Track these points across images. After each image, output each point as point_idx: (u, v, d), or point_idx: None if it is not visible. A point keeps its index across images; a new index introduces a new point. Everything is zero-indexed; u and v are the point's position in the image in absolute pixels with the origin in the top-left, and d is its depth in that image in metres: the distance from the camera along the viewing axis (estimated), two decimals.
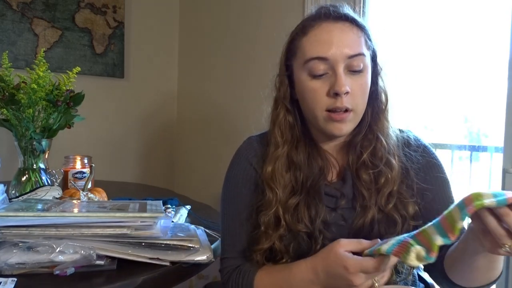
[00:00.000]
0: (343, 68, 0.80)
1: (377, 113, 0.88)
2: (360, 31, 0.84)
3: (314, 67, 0.81)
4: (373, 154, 0.86)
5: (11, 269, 0.75)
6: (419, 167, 0.88)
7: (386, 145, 0.86)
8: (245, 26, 2.29)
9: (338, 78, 0.80)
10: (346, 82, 0.80)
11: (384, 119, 0.88)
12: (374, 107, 0.88)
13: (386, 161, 0.85)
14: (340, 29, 0.82)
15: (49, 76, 1.24)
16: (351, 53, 0.80)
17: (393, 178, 0.84)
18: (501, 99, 1.45)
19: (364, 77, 0.83)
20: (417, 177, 0.87)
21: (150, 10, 2.67)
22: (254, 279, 0.84)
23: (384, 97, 0.88)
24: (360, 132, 0.88)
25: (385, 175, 0.84)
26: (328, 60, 0.80)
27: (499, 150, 1.58)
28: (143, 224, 0.85)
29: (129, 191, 1.62)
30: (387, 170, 0.84)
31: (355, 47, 0.81)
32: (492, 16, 1.57)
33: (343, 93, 0.79)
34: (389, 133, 0.88)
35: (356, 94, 0.82)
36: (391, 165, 0.85)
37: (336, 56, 0.80)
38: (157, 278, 0.79)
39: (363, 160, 0.86)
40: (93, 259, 0.77)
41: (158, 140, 2.76)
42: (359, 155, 0.87)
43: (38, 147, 1.26)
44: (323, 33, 0.82)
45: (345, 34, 0.82)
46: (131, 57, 2.59)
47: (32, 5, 2.21)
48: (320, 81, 0.82)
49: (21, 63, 2.14)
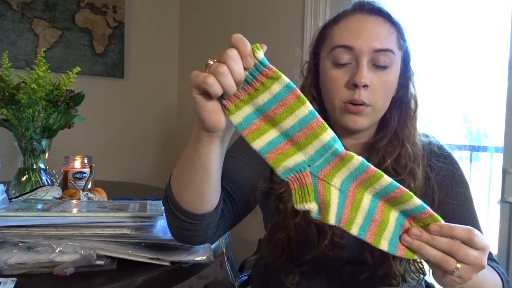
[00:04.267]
0: (367, 61, 0.79)
1: (405, 119, 0.85)
2: (393, 28, 0.82)
3: (339, 55, 0.80)
4: (397, 162, 0.83)
5: (11, 269, 0.75)
6: (443, 179, 0.85)
7: (411, 153, 0.83)
8: (245, 26, 2.29)
9: (359, 69, 0.78)
10: (367, 75, 0.78)
11: (411, 126, 0.85)
12: (401, 112, 0.86)
13: (410, 170, 0.82)
14: (372, 21, 0.81)
15: (49, 76, 1.23)
16: (379, 47, 0.79)
17: (415, 188, 0.80)
18: (501, 99, 1.45)
19: (389, 75, 0.81)
20: (440, 189, 0.84)
21: (150, 10, 2.67)
22: (170, 179, 0.76)
23: (413, 104, 0.86)
24: (385, 137, 0.85)
25: (408, 184, 0.80)
26: (353, 49, 0.79)
27: (499, 150, 1.58)
28: (143, 224, 0.85)
29: (129, 191, 1.61)
30: (410, 179, 0.81)
31: (384, 42, 0.79)
32: (492, 16, 1.57)
33: (361, 85, 0.78)
34: (416, 141, 0.85)
35: (377, 90, 0.80)
36: (415, 175, 0.81)
37: (362, 47, 0.78)
38: (157, 278, 0.79)
39: (386, 166, 0.82)
40: (93, 259, 0.77)
41: (158, 140, 2.76)
42: (382, 160, 0.83)
43: (38, 147, 1.26)
44: (354, 23, 0.81)
45: (375, 27, 0.80)
46: (131, 57, 2.59)
47: (32, 5, 2.21)
48: (342, 71, 0.81)
49: (21, 63, 2.13)
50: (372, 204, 0.60)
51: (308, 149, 0.59)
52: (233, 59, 0.56)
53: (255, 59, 0.57)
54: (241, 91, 0.58)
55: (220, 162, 0.69)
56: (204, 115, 0.60)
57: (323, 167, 0.60)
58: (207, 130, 0.62)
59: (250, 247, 1.60)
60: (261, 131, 0.59)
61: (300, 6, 2.00)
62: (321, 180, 0.60)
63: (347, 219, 0.59)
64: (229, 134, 0.66)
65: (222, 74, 0.56)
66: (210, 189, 0.70)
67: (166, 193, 0.74)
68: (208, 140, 0.64)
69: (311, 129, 0.58)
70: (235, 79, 0.56)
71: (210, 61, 0.58)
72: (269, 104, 0.58)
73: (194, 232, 0.73)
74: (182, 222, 0.72)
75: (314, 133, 0.58)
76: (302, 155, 0.60)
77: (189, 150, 0.68)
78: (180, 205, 0.71)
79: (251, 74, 0.58)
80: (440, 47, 1.69)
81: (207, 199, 0.71)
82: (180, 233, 0.76)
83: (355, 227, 0.59)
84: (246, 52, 0.57)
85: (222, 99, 0.59)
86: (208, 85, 0.56)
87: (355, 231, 0.59)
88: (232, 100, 0.59)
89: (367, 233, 0.59)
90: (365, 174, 0.59)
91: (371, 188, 0.60)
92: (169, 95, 2.80)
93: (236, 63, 0.56)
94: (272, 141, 0.59)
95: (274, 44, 2.30)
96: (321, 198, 0.60)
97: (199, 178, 0.68)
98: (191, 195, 0.70)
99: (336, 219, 0.59)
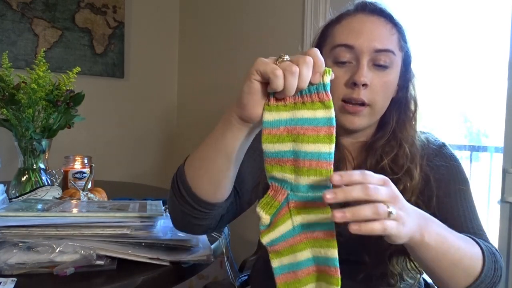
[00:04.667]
0: (367, 61, 0.79)
1: (404, 120, 0.86)
2: (394, 29, 0.83)
3: (339, 54, 0.81)
4: (394, 161, 0.83)
5: (11, 269, 0.75)
6: (442, 177, 0.85)
7: (408, 154, 0.83)
8: (244, 27, 2.29)
9: (359, 68, 0.79)
10: (367, 74, 0.79)
11: (410, 127, 0.86)
12: (400, 113, 0.86)
13: (406, 170, 0.82)
14: (373, 22, 0.81)
15: (49, 76, 1.23)
16: (379, 47, 0.79)
17: (411, 187, 0.81)
18: (501, 99, 1.45)
19: (389, 75, 0.81)
20: (438, 187, 0.84)
21: (150, 10, 2.67)
22: (185, 162, 0.76)
23: (413, 105, 0.86)
24: (383, 137, 0.86)
25: (404, 183, 0.81)
26: (354, 49, 0.79)
27: (499, 150, 1.58)
28: (143, 224, 0.85)
29: (129, 191, 1.61)
30: (406, 179, 0.81)
31: (384, 42, 0.80)
32: (492, 16, 1.57)
33: (361, 83, 0.78)
34: (414, 141, 0.85)
35: (376, 89, 0.80)
36: (412, 175, 0.82)
37: (363, 47, 0.79)
38: (157, 278, 0.79)
39: (383, 165, 0.83)
40: (93, 259, 0.77)
41: (158, 140, 2.76)
42: (379, 159, 0.84)
43: (38, 147, 1.26)
44: (356, 23, 0.82)
45: (377, 28, 0.81)
46: (131, 57, 2.59)
47: (32, 5, 2.21)
48: (343, 70, 0.81)
49: (21, 63, 2.14)
50: (306, 262, 0.60)
51: (301, 178, 0.59)
52: (307, 66, 0.57)
53: (321, 79, 0.58)
54: (291, 97, 0.59)
55: (242, 153, 0.69)
56: (248, 102, 0.60)
57: (299, 200, 0.60)
58: (241, 118, 0.62)
59: (250, 247, 1.60)
60: (279, 139, 0.60)
61: (300, 6, 2.00)
62: (288, 207, 0.61)
63: (277, 251, 0.60)
64: (257, 130, 0.66)
65: (293, 73, 0.56)
66: (227, 179, 0.70)
67: (178, 176, 0.73)
68: (238, 127, 0.64)
69: (319, 165, 0.58)
70: (299, 84, 0.57)
71: (285, 57, 0.58)
72: (304, 122, 0.59)
73: (200, 221, 0.73)
74: (191, 209, 0.72)
75: (318, 171, 0.59)
76: (293, 178, 0.60)
77: (214, 135, 0.68)
78: (193, 190, 0.70)
79: (309, 89, 0.59)
80: (440, 47, 1.69)
81: (222, 189, 0.71)
82: (184, 219, 0.75)
83: (277, 262, 0.61)
84: (320, 68, 0.58)
85: (272, 94, 0.60)
86: (275, 77, 0.56)
87: (274, 264, 0.61)
88: (278, 100, 0.60)
89: (280, 275, 0.60)
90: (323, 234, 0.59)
91: (316, 250, 0.60)
92: (169, 95, 2.80)
93: (308, 71, 0.57)
94: (281, 152, 0.60)
95: (274, 44, 2.31)
96: (276, 219, 0.61)
97: (219, 166, 0.68)
98: (207, 181, 0.70)
99: (270, 243, 0.60)
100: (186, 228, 0.78)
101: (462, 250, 0.67)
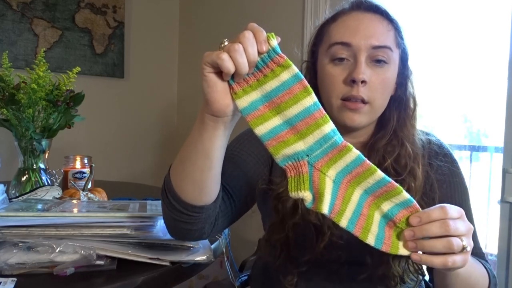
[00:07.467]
0: (365, 58, 0.79)
1: (404, 118, 0.85)
2: (390, 25, 0.82)
3: (337, 52, 0.80)
4: (397, 161, 0.82)
5: (11, 269, 0.75)
6: (443, 178, 0.85)
7: (411, 153, 0.82)
8: (245, 26, 2.29)
9: (357, 65, 0.78)
10: (365, 71, 0.78)
11: (411, 125, 0.85)
12: (400, 111, 0.85)
13: (410, 170, 0.81)
14: (370, 19, 0.81)
15: (49, 76, 1.23)
16: (376, 44, 0.79)
17: (416, 188, 0.80)
18: (501, 99, 1.45)
19: (387, 72, 0.81)
20: (440, 188, 0.84)
21: (150, 10, 2.67)
22: (170, 169, 0.76)
23: (412, 103, 0.86)
24: (384, 136, 0.85)
25: (408, 184, 0.80)
26: (351, 46, 0.79)
27: (499, 150, 1.58)
28: (143, 224, 0.85)
29: (129, 191, 1.61)
30: (410, 179, 0.80)
31: (381, 39, 0.80)
32: (492, 16, 1.57)
33: (359, 80, 0.78)
34: (415, 140, 0.85)
35: (375, 86, 0.80)
36: (415, 175, 0.81)
37: (360, 44, 0.79)
38: (157, 278, 0.79)
39: (386, 166, 0.81)
40: (93, 259, 0.77)
41: (158, 140, 2.76)
42: (381, 160, 0.83)
43: (38, 147, 1.26)
44: (352, 20, 0.82)
45: (373, 24, 0.81)
46: (131, 57, 2.59)
47: (32, 5, 2.21)
48: (340, 68, 0.81)
49: (21, 63, 2.14)
50: (361, 199, 0.61)
51: (308, 139, 0.60)
52: (249, 40, 0.57)
53: (268, 46, 0.58)
54: (251, 76, 0.60)
55: (223, 150, 0.68)
56: (212, 96, 0.60)
57: (320, 157, 0.61)
58: (213, 114, 0.62)
59: (250, 247, 1.60)
60: (265, 118, 0.60)
61: (300, 6, 2.00)
62: (317, 170, 0.61)
63: (338, 211, 0.60)
64: (233, 123, 0.66)
65: (237, 51, 0.56)
66: (210, 179, 0.69)
67: (165, 183, 0.73)
68: (212, 125, 0.64)
69: (313, 119, 0.59)
70: (248, 59, 0.57)
71: (225, 41, 0.59)
72: (276, 91, 0.59)
73: (192, 225, 0.73)
74: (180, 214, 0.71)
75: (316, 123, 0.59)
76: (301, 144, 0.61)
77: (192, 136, 0.68)
78: (179, 195, 0.70)
79: (263, 61, 0.59)
80: (440, 47, 1.69)
81: (207, 190, 0.70)
82: (176, 226, 0.75)
83: (344, 219, 0.60)
84: (261, 37, 0.58)
85: (231, 82, 0.60)
86: (222, 60, 0.56)
87: (344, 223, 0.60)
88: (241, 84, 0.60)
89: (355, 226, 0.60)
90: (360, 168, 0.61)
91: (364, 183, 0.61)
92: (169, 95, 2.80)
93: (251, 44, 0.57)
94: (275, 129, 0.60)
95: None
96: (316, 188, 0.61)
97: (201, 166, 0.67)
98: (190, 184, 0.69)
99: (328, 209, 0.60)
100: (180, 235, 0.78)
101: (477, 275, 0.72)
